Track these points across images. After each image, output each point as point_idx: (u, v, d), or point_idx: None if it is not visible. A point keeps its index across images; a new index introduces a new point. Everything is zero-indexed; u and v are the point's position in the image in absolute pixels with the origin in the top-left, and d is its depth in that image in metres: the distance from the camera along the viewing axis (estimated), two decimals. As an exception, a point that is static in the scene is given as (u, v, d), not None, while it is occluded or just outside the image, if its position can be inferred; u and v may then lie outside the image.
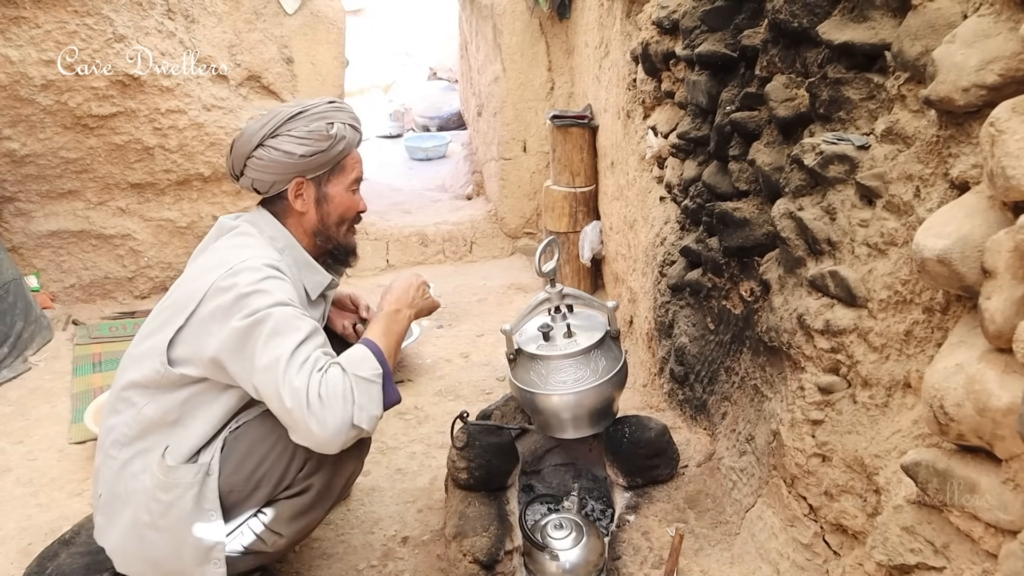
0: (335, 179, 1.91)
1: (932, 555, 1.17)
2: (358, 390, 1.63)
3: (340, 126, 1.85)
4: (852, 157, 1.49)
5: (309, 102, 1.88)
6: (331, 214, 1.92)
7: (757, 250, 1.96)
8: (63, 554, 2.07)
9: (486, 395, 3.21)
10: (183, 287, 1.78)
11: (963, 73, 1.11)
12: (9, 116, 3.67)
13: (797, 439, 1.64)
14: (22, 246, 4.07)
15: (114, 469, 1.76)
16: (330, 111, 1.86)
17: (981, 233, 1.03)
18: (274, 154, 1.81)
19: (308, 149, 1.82)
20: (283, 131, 1.81)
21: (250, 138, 1.83)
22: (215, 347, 1.65)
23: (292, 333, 1.63)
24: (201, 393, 1.73)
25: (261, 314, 1.62)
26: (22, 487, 2.62)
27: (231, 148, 1.87)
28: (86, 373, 3.45)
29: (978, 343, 1.06)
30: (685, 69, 2.49)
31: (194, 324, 1.68)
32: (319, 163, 1.85)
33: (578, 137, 4.11)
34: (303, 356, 1.61)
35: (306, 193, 1.88)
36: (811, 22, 1.66)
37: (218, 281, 1.67)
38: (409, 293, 1.95)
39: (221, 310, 1.65)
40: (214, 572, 1.73)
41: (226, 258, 1.73)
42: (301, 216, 1.90)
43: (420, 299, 1.98)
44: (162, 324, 1.74)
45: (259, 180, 1.86)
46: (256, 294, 1.65)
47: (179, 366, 1.70)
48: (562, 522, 2.03)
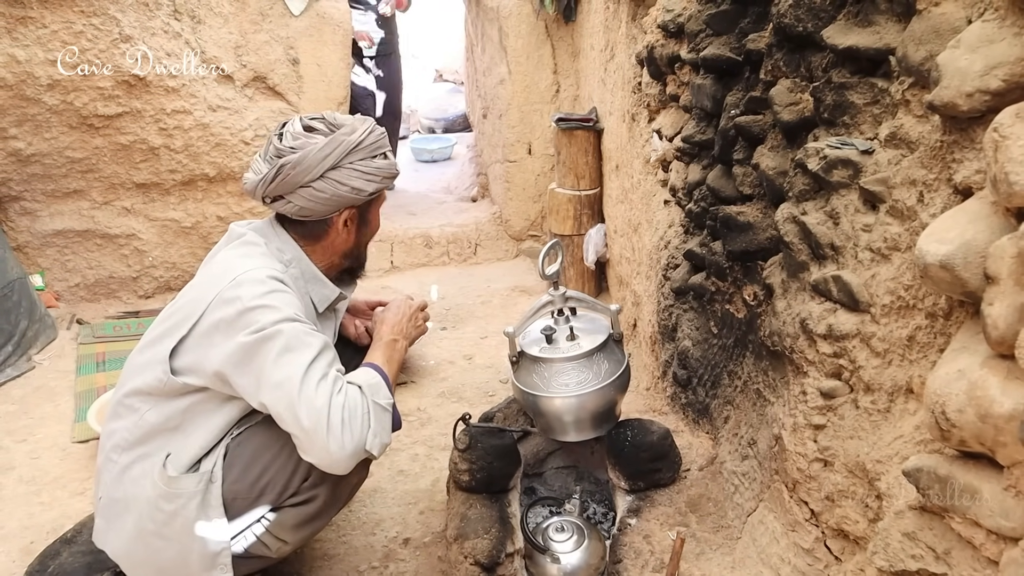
0: (374, 204, 1.92)
1: (933, 561, 1.17)
2: (375, 416, 1.65)
3: (391, 155, 1.86)
4: (856, 162, 1.49)
5: (360, 128, 1.79)
6: (367, 235, 1.96)
7: (760, 254, 1.95)
8: (65, 553, 2.08)
9: (489, 397, 3.21)
10: (188, 295, 1.77)
11: (967, 78, 1.11)
12: (15, 115, 3.68)
13: (799, 444, 1.64)
14: (27, 245, 4.08)
15: (114, 473, 1.76)
16: (381, 140, 1.84)
17: (984, 239, 1.03)
18: (340, 189, 1.76)
19: (376, 187, 1.82)
20: (345, 163, 1.76)
21: (309, 168, 1.72)
22: (220, 360, 1.64)
23: (304, 350, 1.62)
24: (203, 402, 1.73)
25: (270, 330, 1.60)
26: (25, 485, 2.63)
27: (276, 173, 1.73)
28: (90, 372, 3.46)
29: (980, 349, 1.06)
30: (690, 73, 2.49)
31: (197, 335, 1.68)
32: (374, 193, 1.86)
33: (583, 140, 4.11)
34: (318, 374, 1.61)
35: (350, 220, 1.87)
36: (816, 26, 1.66)
37: (222, 292, 1.66)
38: (402, 324, 2.00)
39: (225, 323, 1.64)
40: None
41: (230, 267, 1.72)
42: (336, 239, 1.88)
43: (412, 329, 2.04)
44: (166, 332, 1.73)
45: (307, 208, 1.78)
46: (262, 309, 1.63)
47: (181, 375, 1.69)
48: (563, 525, 2.03)
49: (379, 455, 1.68)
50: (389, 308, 2.03)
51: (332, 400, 1.59)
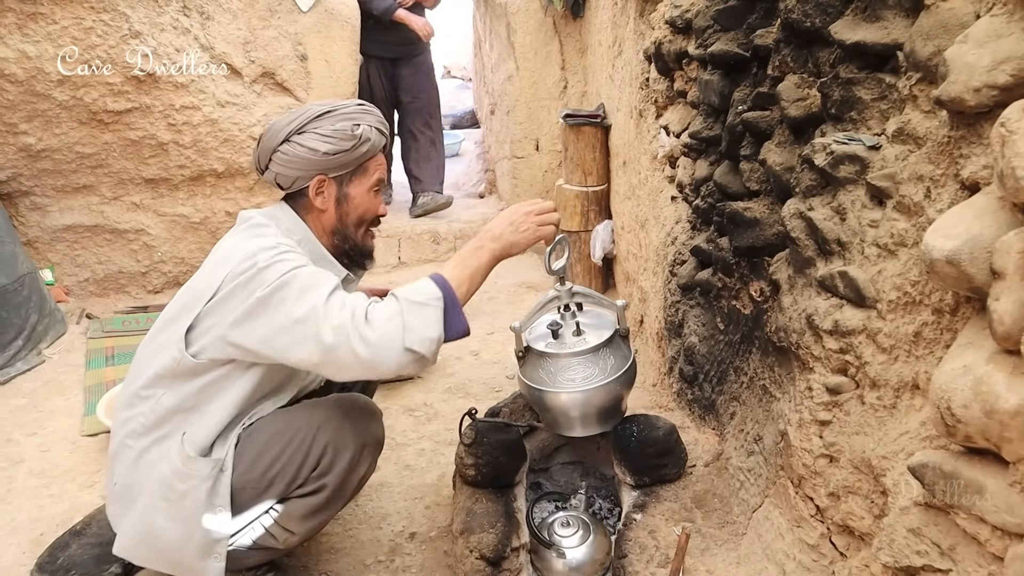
0: (357, 180, 1.92)
1: (938, 557, 1.17)
2: (408, 312, 1.63)
3: (366, 128, 1.86)
4: (863, 157, 1.49)
5: (339, 103, 1.89)
6: (350, 214, 1.93)
7: (767, 250, 1.95)
8: (74, 545, 2.09)
9: (495, 392, 3.21)
10: (199, 279, 1.80)
11: (975, 73, 1.10)
12: (26, 111, 3.70)
13: (805, 440, 1.63)
14: (37, 240, 4.10)
15: (130, 458, 1.78)
16: (358, 113, 1.88)
17: (991, 234, 1.03)
18: (299, 150, 1.82)
19: (332, 147, 1.83)
20: (310, 128, 1.83)
21: (277, 133, 1.84)
22: (235, 320, 1.66)
23: (322, 285, 1.65)
24: (217, 379, 1.75)
25: (286, 276, 1.64)
26: (35, 478, 2.65)
27: (258, 142, 1.89)
28: (99, 366, 3.48)
29: (986, 345, 1.06)
30: (698, 68, 2.48)
31: (212, 308, 1.69)
32: (342, 162, 1.86)
33: (590, 136, 4.11)
34: (339, 300, 1.63)
35: (327, 191, 1.89)
36: (823, 22, 1.66)
37: (236, 267, 1.69)
38: (498, 227, 1.82)
39: (240, 286, 1.66)
40: (214, 566, 1.74)
41: (241, 246, 1.75)
42: (320, 214, 1.91)
43: (511, 232, 1.82)
44: (179, 313, 1.76)
45: (282, 175, 1.88)
46: (276, 263, 1.67)
47: (198, 351, 1.71)
48: (569, 520, 2.03)
49: (427, 352, 1.63)
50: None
51: (355, 311, 1.60)
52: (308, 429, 1.77)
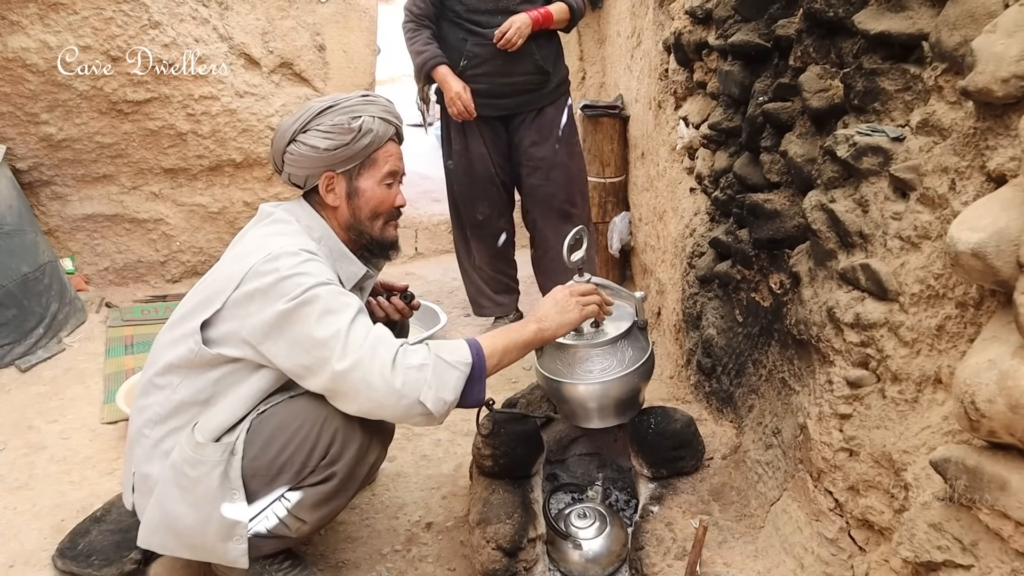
0: (367, 173, 1.92)
1: (960, 553, 1.15)
2: (435, 368, 1.66)
3: (368, 119, 1.85)
4: (886, 149, 1.47)
5: (341, 96, 1.89)
6: (362, 208, 1.93)
7: (787, 242, 1.94)
8: (94, 531, 2.12)
9: (512, 384, 3.22)
10: (219, 272, 1.81)
11: (1003, 63, 1.09)
12: (47, 101, 3.73)
13: (824, 433, 1.62)
14: (58, 229, 4.14)
15: (147, 447, 1.80)
16: (359, 104, 1.87)
17: (1017, 227, 1.01)
18: (303, 149, 1.84)
19: (332, 143, 1.83)
20: (312, 125, 1.84)
21: (284, 134, 1.87)
22: (257, 328, 1.68)
23: (345, 310, 1.67)
24: (233, 373, 1.76)
25: (308, 294, 1.65)
26: (56, 465, 2.68)
27: (272, 143, 1.91)
28: (118, 355, 3.51)
29: (1012, 339, 1.05)
30: (718, 59, 2.46)
31: (231, 306, 1.71)
32: (345, 157, 1.86)
33: (609, 127, 4.09)
34: (362, 330, 1.66)
35: (337, 187, 1.90)
36: (847, 12, 1.64)
37: (257, 265, 1.69)
38: (543, 309, 1.89)
39: (261, 292, 1.67)
40: (236, 548, 1.75)
41: (263, 244, 1.76)
42: (334, 210, 1.93)
43: (557, 313, 1.88)
44: (198, 306, 1.77)
45: (294, 175, 1.91)
46: (298, 276, 1.67)
47: (214, 346, 1.73)
48: (586, 511, 2.03)
49: (437, 412, 1.66)
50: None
51: (380, 347, 1.64)
52: (317, 418, 1.77)
